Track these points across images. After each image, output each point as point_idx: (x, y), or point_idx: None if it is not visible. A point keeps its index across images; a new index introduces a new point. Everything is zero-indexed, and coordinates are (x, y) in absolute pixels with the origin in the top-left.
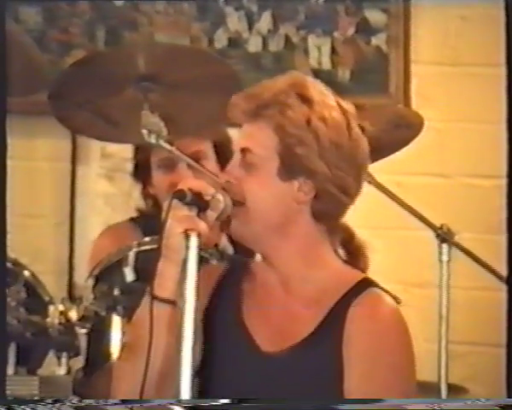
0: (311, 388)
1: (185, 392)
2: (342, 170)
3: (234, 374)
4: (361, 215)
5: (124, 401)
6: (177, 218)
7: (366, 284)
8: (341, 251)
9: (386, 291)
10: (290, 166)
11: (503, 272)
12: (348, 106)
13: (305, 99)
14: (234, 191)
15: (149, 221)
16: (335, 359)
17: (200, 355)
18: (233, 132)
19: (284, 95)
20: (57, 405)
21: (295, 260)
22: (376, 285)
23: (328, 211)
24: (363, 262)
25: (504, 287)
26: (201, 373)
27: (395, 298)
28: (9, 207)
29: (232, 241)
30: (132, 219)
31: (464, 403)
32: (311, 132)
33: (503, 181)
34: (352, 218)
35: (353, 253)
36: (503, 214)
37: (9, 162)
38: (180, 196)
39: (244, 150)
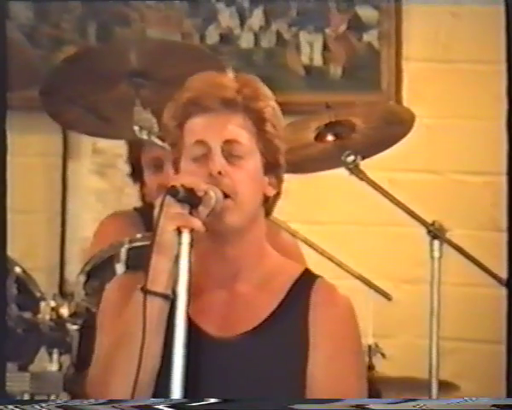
0: (271, 372)
1: (176, 391)
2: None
3: (193, 367)
4: (353, 212)
5: (111, 401)
6: (170, 215)
7: (311, 273)
8: None
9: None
10: (269, 160)
11: (495, 268)
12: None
13: (269, 91)
14: (224, 184)
15: (152, 212)
16: (299, 342)
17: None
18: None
19: (258, 86)
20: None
21: (253, 252)
22: (319, 275)
23: (275, 207)
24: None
25: (494, 282)
26: (164, 374)
27: (386, 295)
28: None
29: None
30: (136, 209)
31: (464, 402)
32: (281, 126)
33: (494, 178)
34: (344, 214)
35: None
36: (494, 211)
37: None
38: (173, 192)
39: (230, 142)
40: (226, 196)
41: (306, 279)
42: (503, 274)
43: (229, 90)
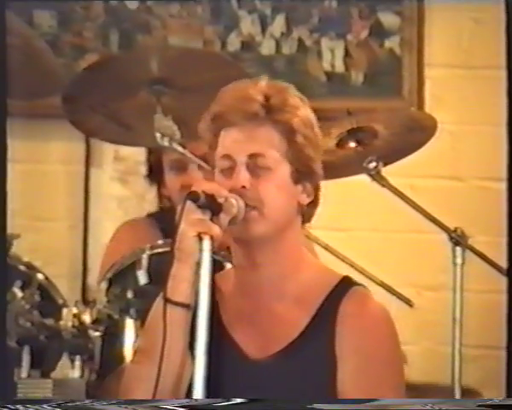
0: (303, 387)
1: (198, 394)
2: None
3: (226, 382)
4: (375, 218)
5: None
6: (191, 221)
7: (349, 282)
8: None
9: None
10: (300, 168)
11: None
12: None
13: (301, 100)
14: (249, 196)
15: (167, 217)
16: (327, 356)
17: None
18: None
19: (287, 96)
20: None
21: (287, 262)
22: (358, 283)
23: (314, 214)
24: None
25: None
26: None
27: (408, 301)
28: (23, 210)
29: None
30: (150, 215)
31: (464, 402)
32: (315, 134)
33: None
34: (366, 221)
35: None
36: None
37: (23, 165)
38: (194, 197)
39: (255, 155)
40: (251, 207)
41: (341, 290)
42: None
43: (256, 103)
